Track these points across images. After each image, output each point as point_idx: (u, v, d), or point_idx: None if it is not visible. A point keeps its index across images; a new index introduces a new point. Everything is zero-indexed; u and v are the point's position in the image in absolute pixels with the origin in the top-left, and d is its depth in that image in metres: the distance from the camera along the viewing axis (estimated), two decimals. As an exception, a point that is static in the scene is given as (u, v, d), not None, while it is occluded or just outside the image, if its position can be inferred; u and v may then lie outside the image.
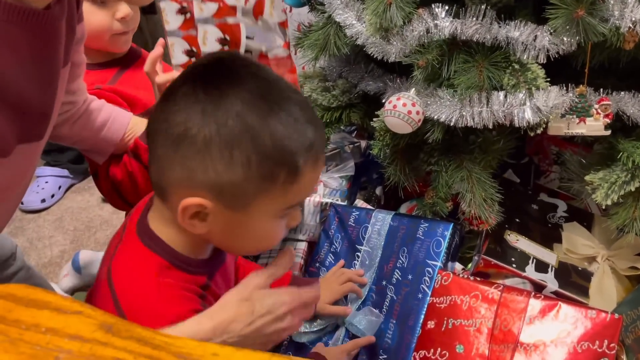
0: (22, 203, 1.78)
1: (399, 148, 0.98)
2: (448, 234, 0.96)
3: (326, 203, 1.17)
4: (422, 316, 0.92)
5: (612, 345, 0.79)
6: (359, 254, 1.06)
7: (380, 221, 1.06)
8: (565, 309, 0.83)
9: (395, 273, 0.99)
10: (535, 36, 0.82)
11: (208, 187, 0.59)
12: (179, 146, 0.58)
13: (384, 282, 1.00)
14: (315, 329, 1.01)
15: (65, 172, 1.91)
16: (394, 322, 0.95)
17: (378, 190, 1.33)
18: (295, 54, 2.13)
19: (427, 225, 0.99)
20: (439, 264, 0.94)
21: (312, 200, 1.17)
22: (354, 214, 1.10)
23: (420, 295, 0.94)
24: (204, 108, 0.57)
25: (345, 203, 1.18)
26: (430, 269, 0.95)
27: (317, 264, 1.10)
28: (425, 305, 0.93)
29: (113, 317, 0.36)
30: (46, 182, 1.86)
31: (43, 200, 1.81)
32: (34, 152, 0.71)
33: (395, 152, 0.98)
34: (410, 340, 0.92)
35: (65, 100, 0.84)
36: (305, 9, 1.24)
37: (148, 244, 0.65)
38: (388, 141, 0.97)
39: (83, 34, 0.80)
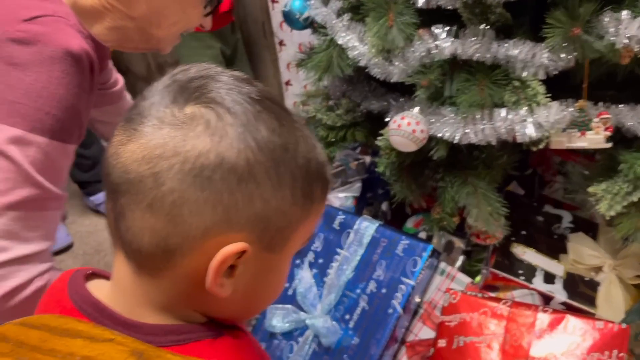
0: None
1: (405, 165, 1.00)
2: (426, 255, 0.97)
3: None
4: (389, 331, 0.95)
5: (621, 354, 0.80)
6: (337, 257, 1.08)
7: (364, 229, 1.07)
8: (573, 321, 0.84)
9: (371, 283, 1.01)
10: (534, 54, 0.85)
11: (252, 222, 0.47)
12: (211, 180, 0.45)
13: (358, 290, 1.02)
14: (287, 324, 1.05)
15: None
16: (361, 331, 0.98)
17: (384, 206, 1.35)
18: (297, 72, 2.16)
19: (407, 242, 1.00)
20: (413, 283, 0.96)
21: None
22: (339, 216, 1.11)
23: (390, 311, 0.96)
24: (235, 127, 0.46)
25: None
26: (403, 286, 0.97)
27: (298, 261, 1.12)
28: (394, 322, 0.95)
29: (143, 344, 0.38)
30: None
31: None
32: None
33: (401, 170, 1.00)
34: (374, 353, 0.95)
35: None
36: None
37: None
38: (393, 159, 0.99)
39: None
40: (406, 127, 0.90)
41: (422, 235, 1.20)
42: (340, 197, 1.25)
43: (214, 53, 2.00)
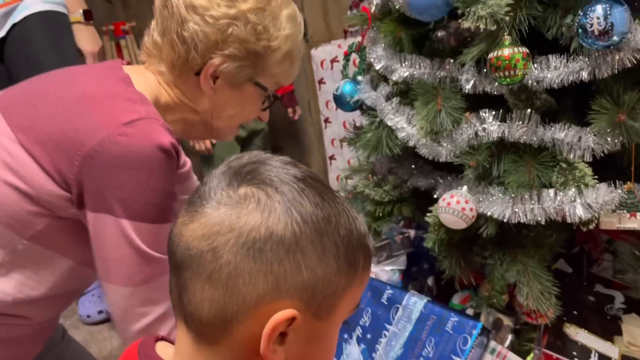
0: (88, 316, 1.81)
1: (454, 242, 1.03)
2: (476, 332, 0.97)
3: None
4: None
5: None
6: (386, 332, 1.07)
7: (412, 305, 1.07)
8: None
9: None
10: (580, 137, 0.88)
11: (300, 290, 0.51)
12: (262, 252, 0.50)
13: (407, 367, 1.01)
14: None
15: None
16: None
17: (430, 281, 1.35)
18: (341, 148, 2.24)
19: (457, 319, 1.00)
20: None
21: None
22: (387, 291, 1.12)
23: None
24: (281, 203, 0.52)
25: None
26: None
27: (346, 335, 1.12)
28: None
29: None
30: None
31: (100, 312, 1.82)
32: None
33: (450, 246, 1.03)
34: None
35: None
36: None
37: None
38: (442, 235, 1.01)
39: None
40: (456, 206, 0.93)
41: (469, 312, 1.20)
42: (387, 271, 1.27)
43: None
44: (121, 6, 2.64)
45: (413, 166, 1.20)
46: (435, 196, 1.09)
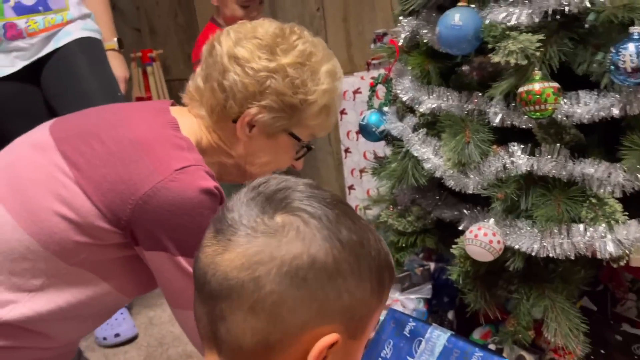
0: (104, 339, 1.81)
1: (479, 275, 1.02)
2: None
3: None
4: None
5: None
6: None
7: (435, 338, 1.05)
8: None
9: None
10: (610, 173, 0.88)
11: (341, 314, 0.53)
12: (306, 280, 0.51)
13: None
14: None
15: None
16: None
17: (450, 315, 1.34)
18: (361, 178, 2.25)
19: (481, 354, 0.98)
20: None
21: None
22: (410, 323, 1.10)
23: None
24: (320, 230, 0.53)
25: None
26: None
27: None
28: None
29: None
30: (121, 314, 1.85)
31: (117, 335, 1.81)
32: None
33: (475, 279, 1.02)
34: None
35: None
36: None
37: None
38: (468, 268, 1.00)
39: None
40: (483, 238, 0.93)
41: (491, 347, 1.18)
42: (412, 299, 1.26)
43: None
44: (149, 34, 2.71)
45: (437, 197, 1.21)
46: (460, 228, 1.09)
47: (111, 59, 1.57)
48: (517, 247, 0.92)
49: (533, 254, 0.89)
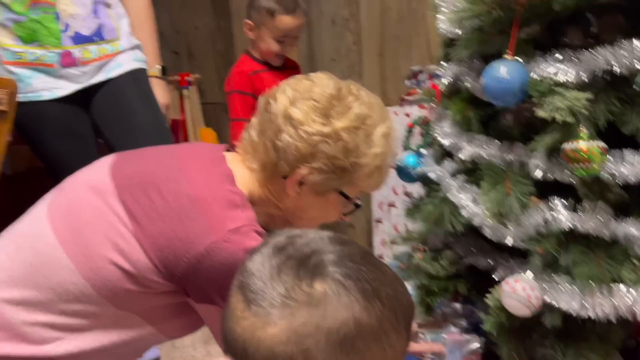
0: None
1: (514, 327, 1.01)
2: None
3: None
4: None
5: None
6: None
7: None
8: None
9: None
10: (654, 235, 0.87)
11: None
12: (354, 345, 0.52)
13: None
14: None
15: None
16: None
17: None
18: (389, 212, 2.25)
19: None
20: None
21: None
22: None
23: None
24: (362, 292, 0.54)
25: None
26: None
27: None
28: None
29: None
30: None
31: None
32: None
33: (510, 332, 1.01)
34: None
35: None
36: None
37: None
38: (503, 319, 0.99)
39: None
40: (521, 292, 0.92)
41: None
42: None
43: None
44: (187, 57, 2.77)
45: (472, 243, 1.20)
46: (494, 277, 1.08)
47: (154, 86, 1.61)
48: (555, 304, 0.91)
49: (573, 314, 0.88)
